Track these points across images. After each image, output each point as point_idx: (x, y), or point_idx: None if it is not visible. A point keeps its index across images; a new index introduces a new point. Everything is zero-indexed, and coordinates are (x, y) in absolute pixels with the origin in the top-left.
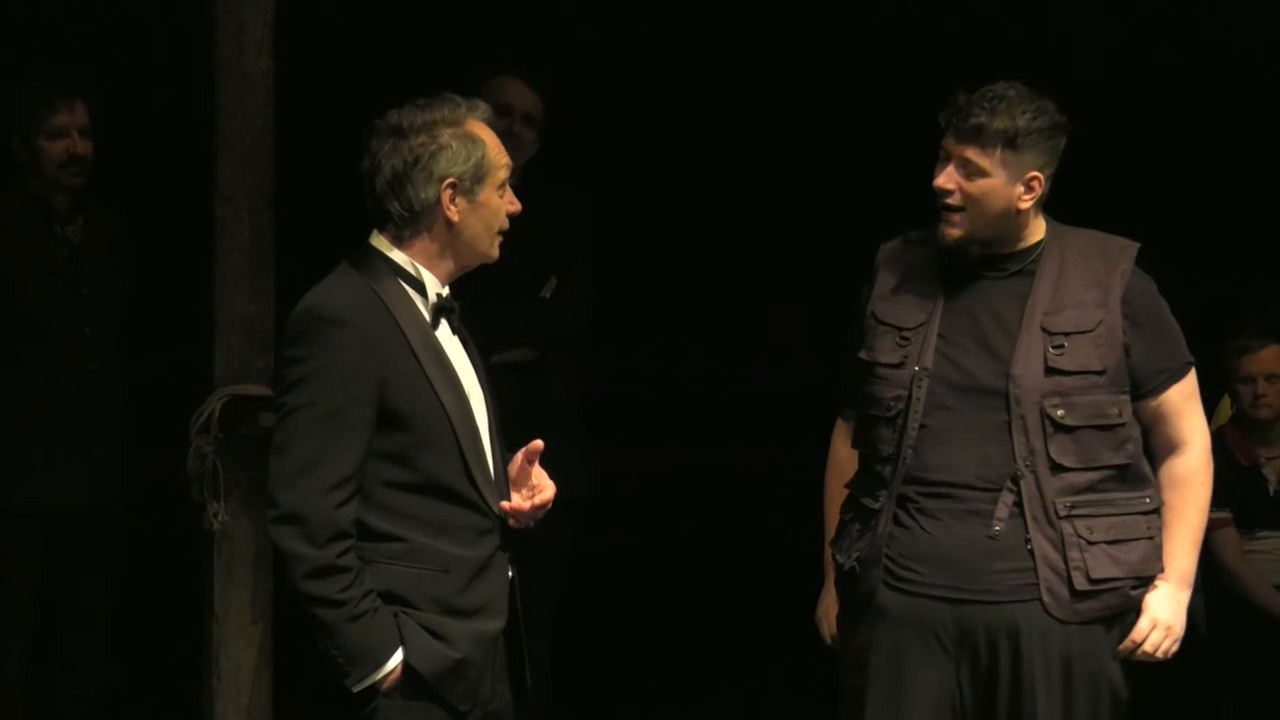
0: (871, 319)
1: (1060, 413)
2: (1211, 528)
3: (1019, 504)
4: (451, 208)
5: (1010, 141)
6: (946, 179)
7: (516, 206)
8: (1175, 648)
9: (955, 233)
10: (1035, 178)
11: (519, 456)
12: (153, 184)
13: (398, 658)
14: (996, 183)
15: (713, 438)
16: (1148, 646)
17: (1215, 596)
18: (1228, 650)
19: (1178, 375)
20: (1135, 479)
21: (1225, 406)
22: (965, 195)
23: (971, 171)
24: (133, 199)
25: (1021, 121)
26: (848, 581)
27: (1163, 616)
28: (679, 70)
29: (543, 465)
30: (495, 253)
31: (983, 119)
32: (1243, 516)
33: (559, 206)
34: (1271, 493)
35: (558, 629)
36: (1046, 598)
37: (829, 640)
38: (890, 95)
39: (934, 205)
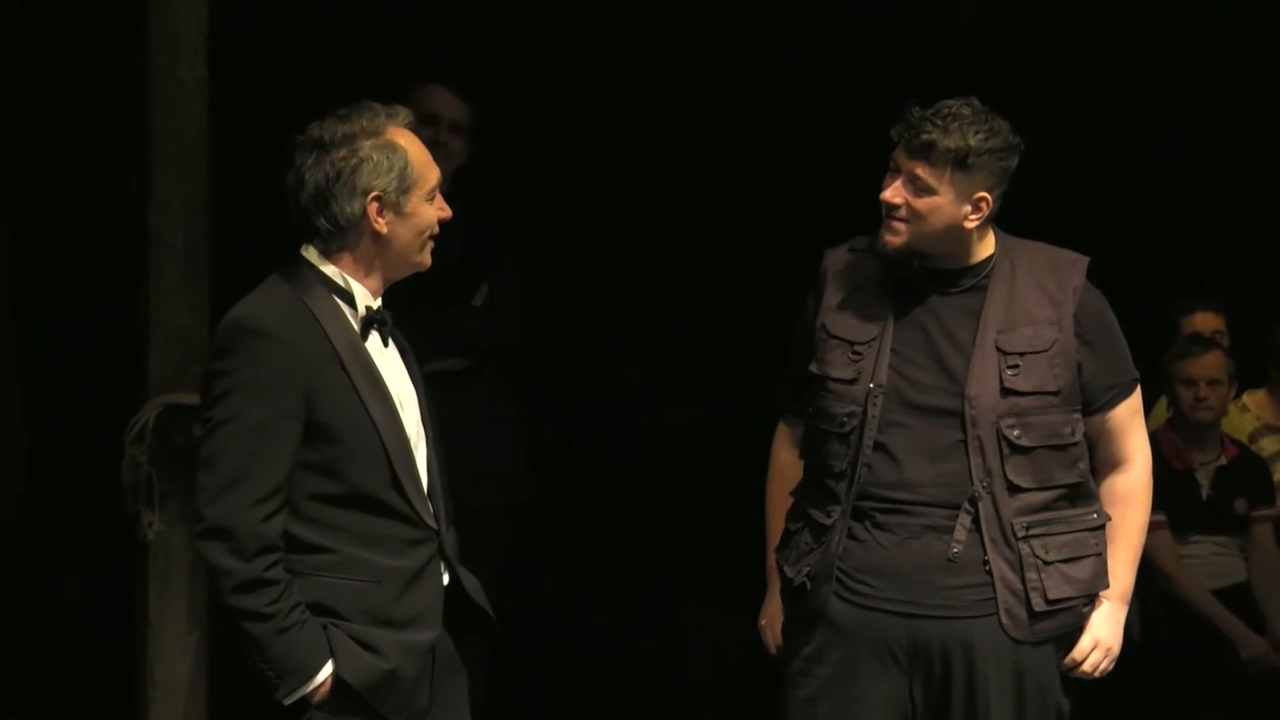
0: (822, 332)
1: (1016, 433)
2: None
3: (976, 525)
4: (379, 220)
5: (961, 161)
6: (894, 193)
7: (447, 213)
8: (1112, 666)
9: (896, 241)
10: (983, 198)
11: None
12: (89, 192)
13: (327, 670)
14: (943, 201)
15: None
16: (1087, 666)
17: (1149, 602)
18: (1162, 653)
19: (1125, 392)
20: (1084, 495)
21: (1160, 410)
22: (911, 210)
23: (920, 188)
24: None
25: (973, 141)
26: (796, 596)
27: (1103, 636)
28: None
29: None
30: (427, 260)
31: (934, 136)
32: (1175, 521)
33: (490, 212)
34: (1204, 497)
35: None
36: (1005, 619)
37: (773, 650)
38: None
39: (877, 214)
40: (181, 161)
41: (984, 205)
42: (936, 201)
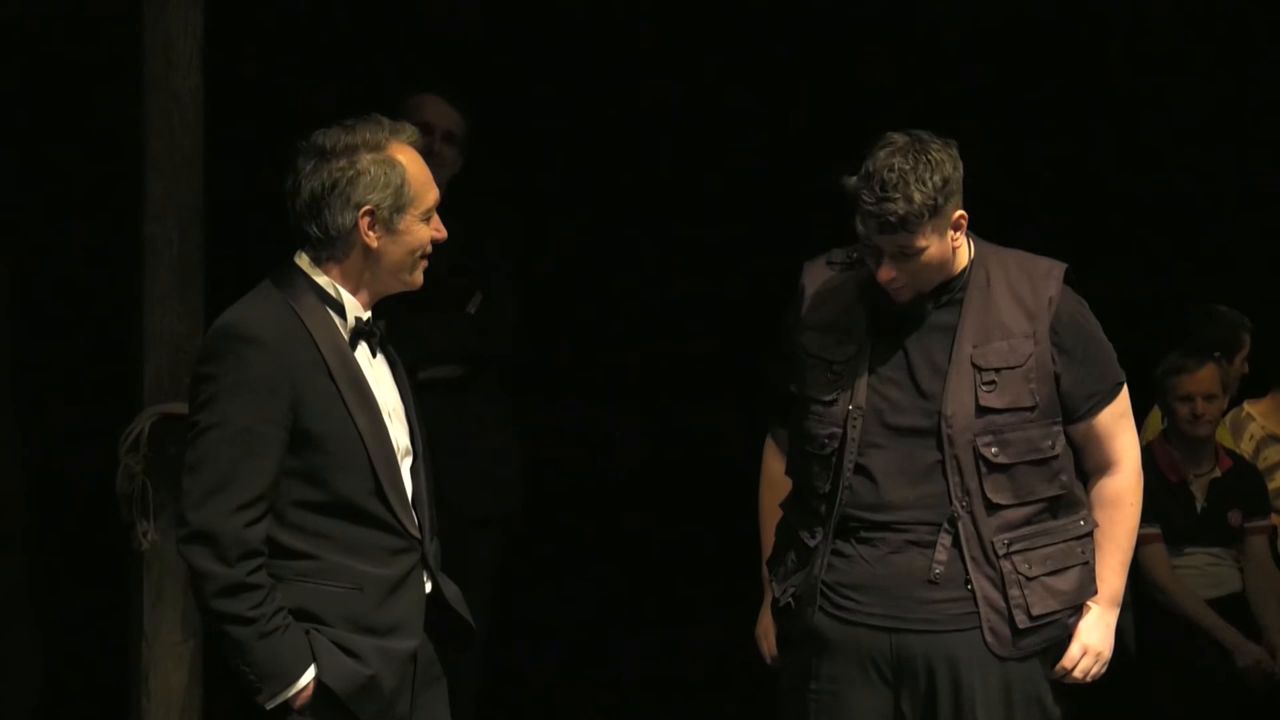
0: (800, 351)
1: (993, 450)
2: (1141, 543)
3: (956, 544)
4: (370, 234)
5: (933, 210)
6: (887, 273)
7: (443, 234)
8: (1103, 671)
9: (905, 297)
10: (959, 217)
11: None
12: (84, 202)
13: (309, 675)
14: (933, 248)
15: None
16: (1077, 673)
17: (1143, 612)
18: (1157, 664)
19: (1108, 398)
20: (1069, 505)
21: (1155, 420)
22: (910, 273)
23: (910, 254)
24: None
25: (932, 184)
26: (783, 615)
27: (1092, 642)
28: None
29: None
30: (419, 280)
31: (899, 208)
32: (1169, 533)
33: (484, 220)
34: (1199, 510)
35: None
36: (989, 637)
37: (769, 660)
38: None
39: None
40: (176, 170)
41: (961, 221)
42: (929, 253)
